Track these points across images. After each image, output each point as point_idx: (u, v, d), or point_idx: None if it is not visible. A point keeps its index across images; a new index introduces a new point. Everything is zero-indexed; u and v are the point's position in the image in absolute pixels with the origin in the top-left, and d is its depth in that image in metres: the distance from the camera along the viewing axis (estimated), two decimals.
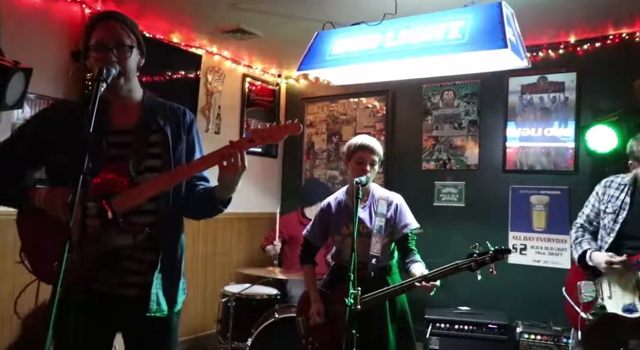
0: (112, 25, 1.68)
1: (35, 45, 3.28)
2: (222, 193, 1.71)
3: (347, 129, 5.08)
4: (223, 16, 3.73)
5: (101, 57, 1.64)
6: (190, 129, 1.83)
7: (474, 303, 3.85)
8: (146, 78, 3.85)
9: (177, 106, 1.86)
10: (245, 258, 4.98)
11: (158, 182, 1.63)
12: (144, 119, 1.74)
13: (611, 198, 2.52)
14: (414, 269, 2.42)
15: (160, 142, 1.73)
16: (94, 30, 1.68)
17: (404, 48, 2.72)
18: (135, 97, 1.78)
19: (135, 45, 1.71)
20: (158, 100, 1.84)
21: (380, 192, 2.63)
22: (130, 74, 1.72)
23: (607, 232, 2.50)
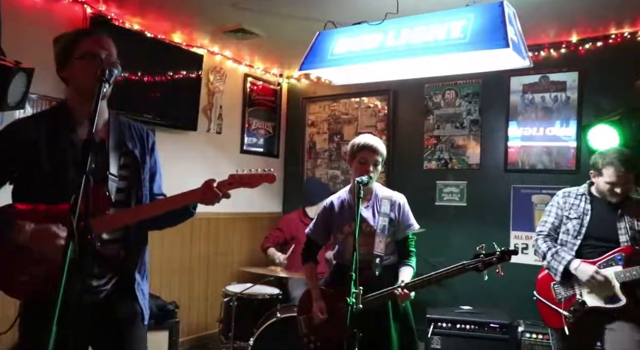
0: (104, 38, 1.75)
1: (37, 46, 3.27)
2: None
3: (348, 128, 5.08)
4: (224, 16, 3.74)
5: (92, 65, 1.66)
6: (153, 151, 1.92)
7: (476, 302, 3.85)
8: (148, 78, 3.87)
9: (140, 127, 1.92)
10: (247, 258, 4.98)
11: (140, 212, 1.74)
12: (115, 140, 1.78)
13: (572, 206, 2.75)
14: (401, 272, 2.49)
15: (128, 165, 1.79)
16: (81, 42, 1.72)
17: (406, 48, 2.71)
18: (103, 115, 1.81)
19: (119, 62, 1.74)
20: (123, 121, 1.88)
21: (384, 192, 2.64)
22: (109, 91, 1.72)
23: (573, 236, 2.70)
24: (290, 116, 5.49)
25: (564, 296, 2.70)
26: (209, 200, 1.74)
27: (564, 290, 2.71)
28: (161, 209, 1.74)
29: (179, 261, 4.35)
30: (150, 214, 1.73)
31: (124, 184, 1.77)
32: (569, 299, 2.67)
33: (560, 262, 2.68)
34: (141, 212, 1.74)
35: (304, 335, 2.67)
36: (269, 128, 5.31)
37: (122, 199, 1.76)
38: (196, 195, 1.73)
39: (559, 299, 2.71)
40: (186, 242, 4.43)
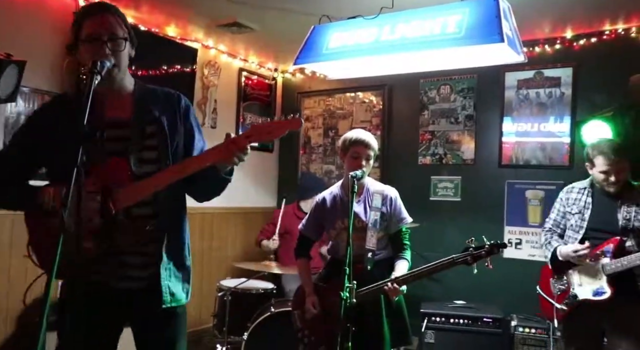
0: (105, 17, 1.66)
1: (29, 38, 3.26)
2: (223, 168, 1.69)
3: (343, 123, 5.07)
4: (219, 9, 3.71)
5: (95, 50, 1.62)
6: (187, 116, 1.80)
7: (469, 297, 3.87)
8: (142, 72, 3.84)
9: (170, 92, 1.83)
10: (242, 252, 4.98)
11: (159, 179, 1.62)
12: (139, 111, 1.72)
13: (575, 201, 2.75)
14: (396, 266, 2.49)
15: (156, 133, 1.71)
16: (84, 23, 1.65)
17: (401, 42, 2.71)
18: (127, 89, 1.75)
19: (127, 37, 1.69)
20: (150, 88, 1.81)
21: (375, 186, 2.63)
22: (124, 66, 1.70)
23: (575, 230, 2.70)
24: (285, 111, 5.44)
25: (559, 289, 2.73)
26: (228, 156, 1.58)
27: (559, 284, 2.74)
28: (182, 172, 1.60)
29: None
30: (170, 179, 1.60)
31: (153, 155, 1.68)
32: (563, 293, 2.71)
33: (550, 250, 2.74)
34: (160, 178, 1.61)
35: (298, 330, 2.67)
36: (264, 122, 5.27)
37: (154, 170, 1.65)
38: (214, 153, 1.59)
39: (556, 292, 2.75)
40: None
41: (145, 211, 1.66)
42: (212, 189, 1.80)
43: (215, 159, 1.61)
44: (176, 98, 1.81)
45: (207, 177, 1.67)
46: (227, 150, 1.58)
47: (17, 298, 1.61)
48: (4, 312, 3.08)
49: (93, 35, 1.63)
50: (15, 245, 2.93)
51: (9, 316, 3.14)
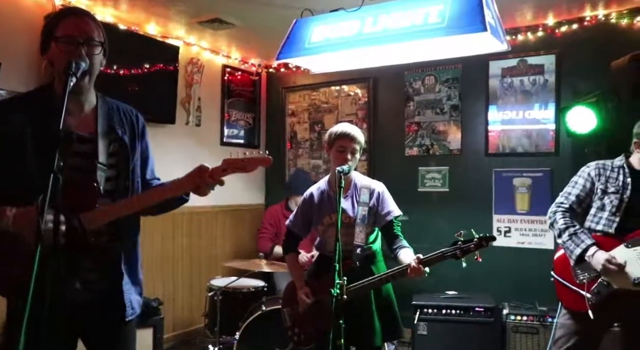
0: (84, 20, 1.65)
1: (5, 40, 3.18)
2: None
3: (329, 117, 5.04)
4: (199, 6, 3.66)
5: (71, 50, 1.59)
6: (144, 135, 1.85)
7: (461, 287, 3.88)
8: (124, 71, 3.78)
9: (129, 110, 1.85)
10: (231, 250, 4.95)
11: (133, 203, 1.66)
12: (103, 127, 1.71)
13: (609, 179, 2.53)
14: (402, 255, 2.40)
15: (117, 152, 1.72)
16: (62, 22, 1.62)
17: (384, 34, 2.69)
18: (91, 102, 1.73)
19: (103, 43, 1.68)
20: (111, 103, 1.80)
21: (362, 181, 2.62)
22: (95, 72, 1.68)
23: (611, 212, 2.48)
24: (270, 106, 5.43)
25: (587, 277, 2.46)
26: (202, 188, 1.66)
27: (587, 270, 2.47)
28: (154, 200, 1.67)
29: (160, 256, 4.29)
30: (143, 205, 1.66)
31: (113, 172, 1.70)
32: (592, 280, 2.44)
33: (579, 245, 2.46)
34: (134, 204, 1.65)
35: (288, 327, 2.66)
36: (249, 119, 5.25)
37: (112, 188, 1.69)
38: (188, 184, 1.66)
39: (581, 280, 2.47)
40: (168, 236, 4.37)
41: (105, 230, 1.67)
42: (169, 208, 1.83)
43: (189, 188, 1.68)
44: (135, 116, 1.84)
45: (169, 202, 1.73)
46: (203, 181, 1.64)
47: None
48: None
49: (70, 36, 1.60)
50: None
51: None
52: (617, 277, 2.38)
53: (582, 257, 2.45)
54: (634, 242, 2.40)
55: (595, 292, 2.42)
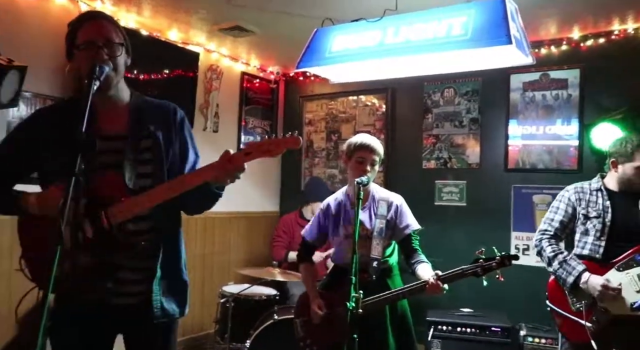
0: (100, 23, 1.65)
1: (32, 44, 3.23)
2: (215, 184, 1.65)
3: (346, 127, 5.02)
4: (220, 13, 3.68)
5: (92, 55, 1.59)
6: (182, 128, 1.78)
7: (476, 304, 3.80)
8: (144, 76, 3.81)
9: (166, 104, 1.80)
10: (244, 258, 4.93)
11: (154, 195, 1.59)
12: (134, 124, 1.69)
13: (589, 203, 2.52)
14: (420, 271, 2.35)
15: (151, 147, 1.68)
16: (80, 31, 1.63)
17: (405, 45, 2.66)
18: (123, 99, 1.73)
19: (123, 43, 1.68)
20: (146, 101, 1.79)
21: (381, 193, 2.58)
22: (120, 72, 1.68)
23: (596, 237, 2.46)
24: (287, 115, 5.43)
25: (583, 304, 2.38)
26: (224, 174, 1.55)
27: (582, 297, 2.41)
28: (177, 189, 1.57)
29: None
30: (166, 195, 1.57)
31: (149, 169, 1.65)
32: (589, 308, 2.37)
33: (571, 273, 2.42)
34: (155, 195, 1.58)
35: (300, 339, 2.62)
36: (265, 126, 5.25)
37: (148, 184, 1.63)
38: (211, 170, 1.56)
39: (578, 308, 2.41)
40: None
41: (141, 226, 1.64)
42: (202, 204, 1.77)
43: (210, 176, 1.58)
44: (172, 110, 1.79)
45: (198, 192, 1.64)
46: (224, 168, 1.56)
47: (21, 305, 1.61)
48: (4, 317, 3.03)
49: (89, 41, 1.61)
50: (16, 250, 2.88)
51: (10, 321, 3.09)
52: (613, 303, 2.34)
53: (576, 284, 2.40)
54: (625, 265, 2.36)
55: (595, 321, 2.34)
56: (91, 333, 1.63)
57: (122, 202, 1.56)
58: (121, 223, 1.57)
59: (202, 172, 1.60)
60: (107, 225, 1.53)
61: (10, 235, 2.99)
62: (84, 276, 1.53)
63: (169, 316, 1.71)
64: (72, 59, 1.67)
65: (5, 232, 2.96)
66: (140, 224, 1.63)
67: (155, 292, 1.66)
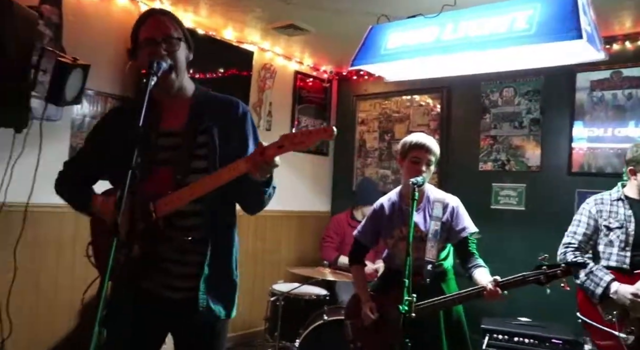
0: (158, 19, 1.67)
1: (95, 43, 3.35)
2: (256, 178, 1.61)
3: (399, 127, 4.93)
4: (275, 12, 3.69)
5: (151, 51, 1.61)
6: (243, 123, 1.74)
7: (535, 314, 3.60)
8: (199, 75, 3.88)
9: (228, 100, 1.79)
10: (295, 256, 4.94)
11: (195, 188, 1.57)
12: (192, 120, 1.69)
13: (610, 214, 2.50)
14: (478, 275, 2.25)
15: (206, 143, 1.67)
16: (140, 29, 1.66)
17: (464, 41, 2.57)
18: (185, 95, 1.73)
19: (183, 39, 1.68)
20: (209, 96, 1.78)
21: (436, 194, 2.50)
22: (181, 67, 1.68)
23: (620, 247, 2.42)
24: (340, 114, 5.40)
25: (615, 315, 2.31)
26: (255, 168, 1.50)
27: (613, 308, 2.33)
28: (214, 182, 1.54)
29: None
30: (204, 188, 1.55)
31: (203, 164, 1.64)
32: (621, 318, 2.29)
33: (599, 284, 2.37)
34: (197, 187, 1.55)
35: (350, 341, 2.58)
36: (318, 126, 5.24)
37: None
38: (244, 163, 1.52)
39: (610, 319, 2.34)
40: None
41: (189, 222, 1.64)
42: (251, 200, 1.73)
43: (244, 169, 1.53)
44: (234, 106, 1.76)
45: (242, 187, 1.61)
46: (254, 161, 1.51)
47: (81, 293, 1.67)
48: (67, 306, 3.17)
49: (148, 38, 1.63)
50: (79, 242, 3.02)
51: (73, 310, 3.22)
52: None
53: (606, 295, 2.34)
54: None
55: (629, 332, 2.28)
56: (143, 324, 1.64)
57: (167, 195, 1.58)
58: (168, 217, 1.58)
59: (236, 165, 1.54)
60: (153, 217, 1.55)
61: (73, 228, 3.13)
62: (135, 267, 1.56)
63: (214, 316, 1.67)
64: (136, 58, 1.69)
65: (70, 225, 3.11)
66: (190, 220, 1.63)
67: (201, 290, 1.63)
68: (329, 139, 1.50)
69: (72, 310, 3.23)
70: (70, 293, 3.16)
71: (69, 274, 3.16)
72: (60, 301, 3.15)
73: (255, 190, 1.64)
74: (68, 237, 3.10)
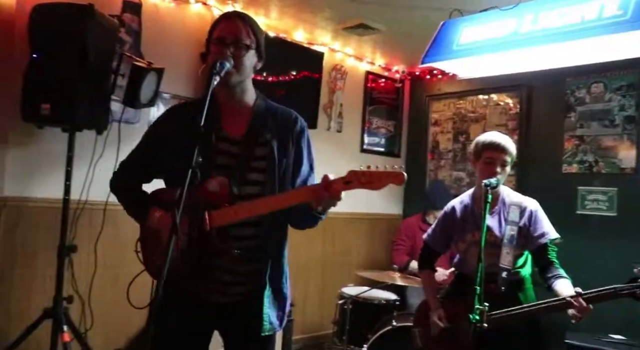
0: (234, 22, 1.66)
1: (170, 48, 3.48)
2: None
3: (475, 127, 4.71)
4: (345, 12, 3.65)
5: (218, 51, 1.62)
6: (300, 139, 1.75)
7: (629, 332, 3.27)
8: (272, 78, 3.92)
9: (289, 113, 1.78)
10: (365, 259, 4.86)
11: (254, 207, 1.58)
12: (253, 130, 1.69)
13: None
14: (559, 286, 2.08)
15: (265, 156, 1.67)
16: (216, 27, 1.68)
17: (545, 33, 2.39)
18: (247, 102, 1.73)
19: (253, 46, 1.66)
20: (270, 107, 1.76)
21: (512, 197, 2.33)
22: (244, 72, 1.66)
23: None
24: (412, 115, 5.26)
25: None
26: (318, 200, 1.50)
27: None
28: (274, 206, 1.57)
29: (295, 259, 4.33)
30: (264, 210, 1.57)
31: (260, 177, 1.65)
32: None
33: None
34: (253, 208, 1.58)
35: (418, 349, 2.46)
36: (390, 127, 5.14)
37: (256, 192, 1.63)
38: (308, 193, 1.53)
39: None
40: (303, 241, 4.42)
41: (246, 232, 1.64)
42: (302, 222, 1.74)
43: (307, 198, 1.53)
44: (293, 120, 1.76)
45: (297, 211, 1.61)
46: (318, 194, 1.50)
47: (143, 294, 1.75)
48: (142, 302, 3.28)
49: (219, 38, 1.64)
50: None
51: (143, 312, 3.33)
52: None
53: None
54: None
55: None
56: (191, 326, 1.67)
57: (224, 208, 1.56)
58: (221, 227, 1.57)
59: (300, 193, 1.57)
60: (207, 226, 1.54)
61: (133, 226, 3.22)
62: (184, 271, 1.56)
63: (273, 329, 1.69)
64: (207, 53, 1.70)
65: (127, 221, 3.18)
66: (243, 230, 1.63)
67: (265, 305, 1.66)
68: (398, 184, 1.50)
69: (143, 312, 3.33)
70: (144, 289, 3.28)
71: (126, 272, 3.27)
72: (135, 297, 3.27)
73: (311, 217, 1.64)
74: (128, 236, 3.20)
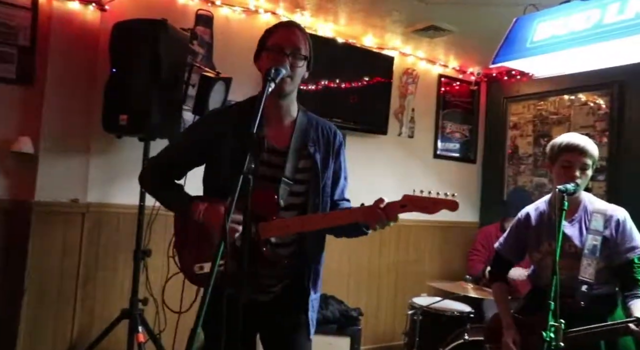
0: (294, 32, 1.68)
1: (240, 58, 3.56)
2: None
3: (558, 130, 4.40)
4: (414, 14, 3.56)
5: (276, 59, 1.62)
6: (339, 154, 1.80)
7: None
8: (345, 84, 3.91)
9: (329, 127, 1.81)
10: (439, 269, 4.70)
11: (305, 223, 1.64)
12: (297, 143, 1.70)
13: None
14: (634, 306, 1.89)
15: (308, 168, 1.70)
16: (274, 33, 1.68)
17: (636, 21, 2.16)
18: (291, 114, 1.75)
19: (307, 58, 1.69)
20: (311, 119, 1.79)
21: (596, 204, 2.13)
22: (296, 82, 1.68)
23: None
24: (489, 118, 5.03)
25: None
26: (374, 221, 1.53)
27: None
28: (328, 224, 1.63)
29: (367, 268, 4.31)
30: (316, 227, 1.65)
31: (302, 188, 1.69)
32: None
33: None
34: (306, 223, 1.65)
35: None
36: (465, 131, 4.94)
37: (299, 203, 1.69)
38: (363, 214, 1.56)
39: None
40: (375, 248, 4.36)
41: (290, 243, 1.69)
42: (347, 235, 1.75)
43: (361, 218, 1.57)
44: (333, 134, 1.80)
45: (347, 227, 1.64)
46: (375, 215, 1.52)
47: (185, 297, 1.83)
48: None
49: (278, 45, 1.65)
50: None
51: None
52: None
53: None
54: None
55: None
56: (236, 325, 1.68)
57: (273, 220, 1.60)
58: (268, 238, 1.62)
59: (355, 213, 1.59)
60: (257, 237, 1.57)
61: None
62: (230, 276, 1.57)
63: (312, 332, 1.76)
64: (257, 60, 1.73)
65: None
66: (284, 239, 1.67)
67: (310, 309, 1.72)
68: (452, 210, 1.54)
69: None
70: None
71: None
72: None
73: (357, 232, 1.67)
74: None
